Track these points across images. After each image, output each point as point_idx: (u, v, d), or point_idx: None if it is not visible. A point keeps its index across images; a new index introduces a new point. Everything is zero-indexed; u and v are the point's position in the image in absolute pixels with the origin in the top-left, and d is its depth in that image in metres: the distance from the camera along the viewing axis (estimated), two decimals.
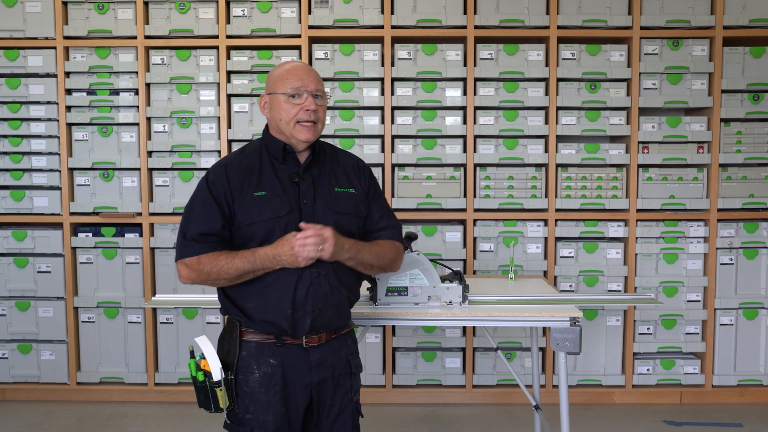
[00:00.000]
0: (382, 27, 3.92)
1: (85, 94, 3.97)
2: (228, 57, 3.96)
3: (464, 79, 3.96)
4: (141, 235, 4.00)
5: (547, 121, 3.97)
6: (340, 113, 3.96)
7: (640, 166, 3.98)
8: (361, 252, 2.06)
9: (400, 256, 2.22)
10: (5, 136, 3.99)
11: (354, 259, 2.05)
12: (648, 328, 4.03)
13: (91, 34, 3.94)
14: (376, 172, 3.91)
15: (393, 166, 3.99)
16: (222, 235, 2.02)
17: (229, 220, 2.02)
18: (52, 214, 4.04)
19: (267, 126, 2.14)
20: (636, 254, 3.99)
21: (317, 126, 2.06)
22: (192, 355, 2.07)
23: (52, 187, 4.06)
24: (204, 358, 2.03)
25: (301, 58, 3.94)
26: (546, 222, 3.98)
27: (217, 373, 2.00)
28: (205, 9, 3.93)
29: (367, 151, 3.95)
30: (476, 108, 3.98)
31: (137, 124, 3.99)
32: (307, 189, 2.06)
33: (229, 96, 3.99)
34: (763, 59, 3.95)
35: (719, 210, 3.98)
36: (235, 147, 3.97)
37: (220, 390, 2.01)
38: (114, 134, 4.00)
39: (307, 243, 1.92)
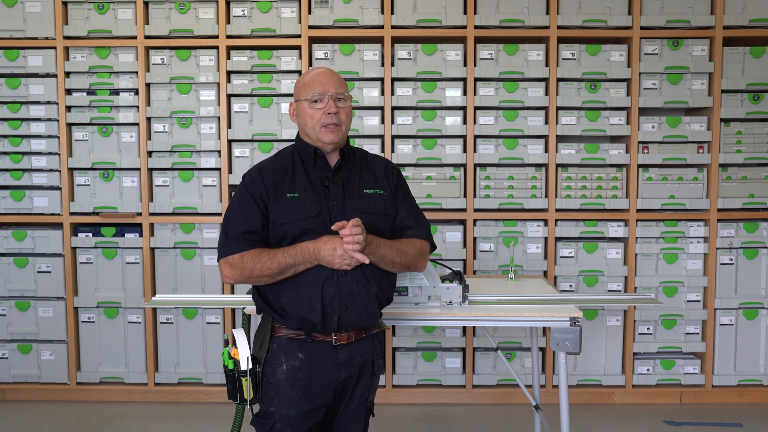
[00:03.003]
0: (382, 27, 3.92)
1: (85, 94, 3.98)
2: (228, 57, 3.96)
3: (464, 79, 3.96)
4: (141, 235, 4.00)
5: (547, 121, 3.97)
6: None
7: (640, 166, 3.98)
8: (380, 248, 2.08)
9: (424, 255, 2.23)
10: (5, 136, 4.00)
11: (374, 254, 2.06)
12: (648, 328, 4.04)
13: (91, 34, 3.95)
14: None
15: None
16: (262, 234, 2.09)
17: (266, 219, 2.09)
18: (52, 214, 4.04)
19: (298, 132, 2.22)
20: (636, 254, 3.99)
21: (341, 128, 2.12)
22: (226, 344, 2.16)
23: (52, 187, 4.06)
24: (236, 347, 2.11)
25: (301, 58, 3.94)
26: (546, 222, 3.98)
27: (244, 362, 2.08)
28: (205, 9, 3.93)
29: None
30: (476, 108, 3.98)
31: (137, 124, 3.99)
32: (336, 191, 2.12)
33: (229, 96, 3.99)
34: (763, 59, 3.95)
35: (719, 210, 3.98)
36: (235, 147, 3.98)
37: (246, 380, 2.08)
38: (114, 134, 4.00)
39: (354, 232, 1.96)
